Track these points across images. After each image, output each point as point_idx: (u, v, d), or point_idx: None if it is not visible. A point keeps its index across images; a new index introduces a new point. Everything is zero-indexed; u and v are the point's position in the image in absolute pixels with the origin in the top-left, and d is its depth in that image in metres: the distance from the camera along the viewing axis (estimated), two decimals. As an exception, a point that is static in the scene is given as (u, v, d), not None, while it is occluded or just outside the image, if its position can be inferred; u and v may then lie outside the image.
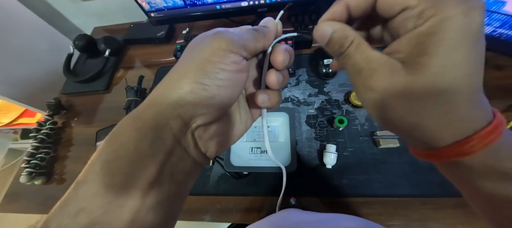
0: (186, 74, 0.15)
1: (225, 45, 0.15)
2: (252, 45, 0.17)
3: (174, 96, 0.15)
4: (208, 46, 0.15)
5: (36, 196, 0.54)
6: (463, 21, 0.11)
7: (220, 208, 0.45)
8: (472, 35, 0.11)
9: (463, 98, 0.12)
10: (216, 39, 0.15)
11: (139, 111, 0.15)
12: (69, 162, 0.57)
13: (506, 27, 0.40)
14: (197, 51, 0.15)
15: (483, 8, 0.12)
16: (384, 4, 0.13)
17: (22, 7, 0.77)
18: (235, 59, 0.15)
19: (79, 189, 0.13)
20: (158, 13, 0.53)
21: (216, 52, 0.15)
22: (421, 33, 0.12)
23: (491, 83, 0.48)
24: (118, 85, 0.68)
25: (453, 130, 0.13)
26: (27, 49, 0.79)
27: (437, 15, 0.11)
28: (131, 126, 0.15)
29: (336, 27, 0.15)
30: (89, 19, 0.87)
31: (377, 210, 0.41)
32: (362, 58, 0.14)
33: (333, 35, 0.15)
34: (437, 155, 0.14)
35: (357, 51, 0.15)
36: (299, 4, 0.53)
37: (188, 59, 0.16)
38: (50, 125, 0.58)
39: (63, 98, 0.66)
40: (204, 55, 0.15)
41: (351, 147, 0.46)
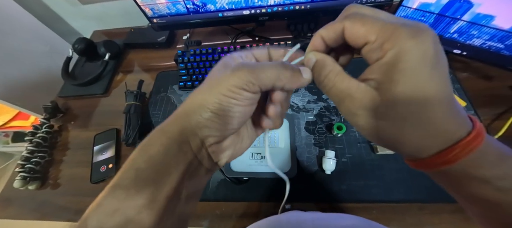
0: (205, 104, 0.17)
1: (241, 83, 0.16)
2: (272, 84, 0.17)
3: (194, 120, 0.17)
4: (227, 81, 0.16)
5: (29, 202, 0.52)
6: (418, 52, 0.13)
7: (219, 214, 0.45)
8: (428, 62, 0.13)
9: (436, 114, 0.14)
10: (234, 76, 0.16)
11: (166, 125, 0.18)
12: (64, 167, 0.56)
13: (495, 40, 0.42)
14: (217, 82, 0.17)
15: (434, 37, 0.13)
16: (350, 39, 0.15)
17: (19, 9, 0.77)
18: (249, 96, 0.17)
19: (115, 192, 0.16)
20: (160, 19, 0.54)
21: (233, 89, 0.16)
22: (384, 63, 0.14)
23: (481, 93, 0.50)
24: (117, 89, 0.67)
25: (435, 142, 0.14)
26: (23, 51, 0.78)
27: (393, 48, 0.13)
28: (160, 140, 0.17)
29: (318, 57, 0.17)
30: (88, 22, 0.87)
31: (375, 216, 0.42)
32: (342, 87, 0.16)
33: (315, 64, 0.17)
34: (423, 164, 0.15)
35: (337, 80, 0.16)
36: (299, 13, 0.55)
37: (209, 87, 0.17)
38: (47, 128, 0.58)
39: (60, 101, 0.65)
40: (222, 90, 0.16)
41: (350, 153, 0.47)
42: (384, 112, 0.15)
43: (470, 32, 0.44)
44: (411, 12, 0.48)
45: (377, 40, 0.14)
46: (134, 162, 0.17)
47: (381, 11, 0.15)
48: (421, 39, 0.13)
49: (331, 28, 0.16)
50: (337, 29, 0.16)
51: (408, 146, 0.15)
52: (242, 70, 0.16)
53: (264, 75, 0.17)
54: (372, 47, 0.14)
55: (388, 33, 0.13)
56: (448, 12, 0.44)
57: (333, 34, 0.16)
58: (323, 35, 0.17)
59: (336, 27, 0.16)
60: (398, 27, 0.13)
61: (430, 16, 0.46)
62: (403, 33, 0.13)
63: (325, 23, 0.17)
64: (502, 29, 0.40)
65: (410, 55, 0.13)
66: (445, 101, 0.14)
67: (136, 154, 0.17)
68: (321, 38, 0.17)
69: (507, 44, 0.42)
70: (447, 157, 0.14)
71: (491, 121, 0.47)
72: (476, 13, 0.41)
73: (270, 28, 0.69)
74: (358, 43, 0.15)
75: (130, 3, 0.53)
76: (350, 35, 0.15)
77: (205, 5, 0.51)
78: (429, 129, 0.14)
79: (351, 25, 0.15)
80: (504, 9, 0.38)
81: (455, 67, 0.54)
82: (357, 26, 0.15)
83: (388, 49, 0.13)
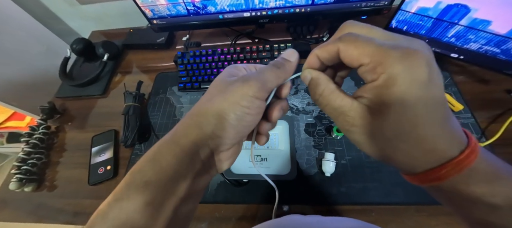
0: (222, 114, 0.17)
1: (252, 92, 0.17)
2: (274, 85, 0.19)
3: (208, 131, 0.18)
4: (238, 90, 0.18)
5: (25, 204, 0.51)
6: (408, 76, 0.13)
7: (219, 216, 0.45)
8: (419, 84, 0.13)
9: (427, 133, 0.14)
10: (245, 85, 0.18)
11: (177, 136, 0.18)
12: (61, 168, 0.56)
13: (491, 44, 0.43)
14: (231, 92, 0.18)
15: (426, 58, 0.13)
16: (344, 60, 0.16)
17: (16, 8, 0.76)
18: (259, 104, 0.18)
19: (121, 204, 0.16)
20: (160, 21, 0.54)
21: (245, 97, 0.17)
22: (377, 86, 0.14)
23: (478, 96, 0.51)
24: (116, 90, 0.67)
25: (427, 159, 0.14)
26: (19, 51, 0.77)
27: (385, 72, 0.14)
28: (171, 151, 0.18)
29: (313, 75, 0.18)
30: (87, 22, 0.86)
31: (374, 218, 0.42)
32: (335, 105, 0.17)
33: (310, 81, 0.18)
34: (417, 179, 0.16)
35: (331, 98, 0.17)
36: (298, 16, 0.55)
37: (222, 96, 0.18)
38: (43, 129, 0.57)
39: (57, 102, 0.65)
40: (235, 99, 0.17)
41: (349, 156, 0.47)
42: (376, 130, 0.15)
43: (467, 37, 0.45)
44: (409, 16, 0.48)
45: (370, 64, 0.14)
46: (143, 174, 0.17)
47: (375, 28, 0.16)
48: (412, 63, 0.13)
49: (325, 49, 0.17)
50: (332, 51, 0.16)
51: (401, 162, 0.16)
52: (251, 80, 0.18)
53: (266, 78, 0.18)
54: (366, 69, 0.15)
55: (379, 57, 0.14)
56: (446, 17, 0.44)
57: (328, 55, 0.17)
58: (318, 55, 0.18)
59: (330, 48, 0.16)
60: (389, 51, 0.14)
61: (428, 20, 0.47)
62: (393, 58, 0.13)
63: (324, 26, 0.18)
64: (499, 34, 0.41)
65: (400, 80, 0.13)
66: (437, 120, 0.14)
67: (145, 165, 0.17)
68: (316, 57, 0.18)
69: (503, 49, 0.42)
70: (438, 174, 0.14)
71: (488, 124, 0.47)
72: (473, 18, 0.42)
73: (270, 30, 0.69)
74: (353, 64, 0.16)
75: (129, 3, 0.53)
76: (344, 57, 0.16)
77: (205, 7, 0.51)
78: (420, 147, 0.14)
79: (345, 48, 0.15)
80: (501, 15, 0.39)
81: (452, 71, 0.55)
82: (351, 49, 0.15)
83: (381, 72, 0.14)
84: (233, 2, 0.50)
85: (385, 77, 0.14)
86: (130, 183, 0.17)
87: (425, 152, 0.14)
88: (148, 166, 0.17)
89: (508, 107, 0.48)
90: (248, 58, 0.59)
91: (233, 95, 0.17)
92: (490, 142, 0.44)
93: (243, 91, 0.17)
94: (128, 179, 0.17)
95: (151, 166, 0.17)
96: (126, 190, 0.17)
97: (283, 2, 0.51)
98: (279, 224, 0.35)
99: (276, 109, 0.21)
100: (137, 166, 0.18)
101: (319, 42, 0.64)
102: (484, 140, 0.45)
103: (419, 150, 0.14)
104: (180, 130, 0.19)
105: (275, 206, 0.41)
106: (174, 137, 0.18)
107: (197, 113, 0.19)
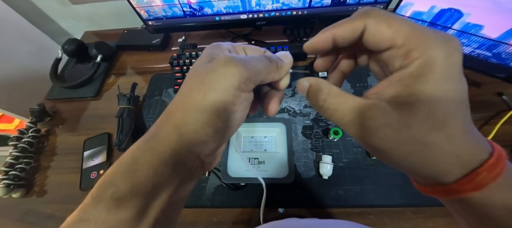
0: (202, 119, 0.14)
1: (237, 82, 0.14)
2: (262, 78, 0.16)
3: (188, 136, 0.15)
4: (221, 81, 0.14)
5: (13, 210, 0.49)
6: (447, 62, 0.12)
7: (216, 221, 0.44)
8: (455, 73, 0.12)
9: (460, 130, 0.12)
10: (229, 72, 0.14)
11: (154, 142, 0.15)
12: (51, 173, 0.54)
13: (483, 48, 0.44)
14: (210, 85, 0.14)
15: (461, 48, 0.12)
16: (371, 40, 0.14)
17: (4, 6, 0.73)
18: (246, 96, 0.15)
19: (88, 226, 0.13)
20: (156, 22, 0.53)
21: (230, 90, 0.14)
22: (409, 74, 0.12)
23: (470, 99, 0.51)
24: (109, 92, 0.65)
25: (459, 163, 0.12)
26: (8, 51, 0.74)
27: (421, 57, 0.12)
28: (149, 161, 0.15)
29: (311, 81, 0.16)
30: (79, 23, 0.84)
31: (371, 221, 0.42)
32: (348, 106, 0.14)
33: (309, 89, 0.16)
34: (445, 191, 0.13)
35: (339, 101, 0.15)
36: (295, 18, 0.55)
37: (198, 90, 0.15)
38: (33, 133, 0.55)
39: (48, 104, 0.63)
40: (218, 96, 0.14)
41: (346, 158, 0.47)
42: (402, 130, 0.13)
43: (460, 41, 0.45)
44: (404, 20, 0.49)
45: (404, 46, 0.12)
46: (115, 188, 0.14)
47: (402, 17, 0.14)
48: (452, 47, 0.12)
49: (349, 25, 0.14)
50: (357, 28, 0.14)
51: (428, 170, 0.13)
52: (237, 64, 0.14)
53: (257, 68, 0.15)
54: (397, 53, 0.13)
55: (417, 39, 0.12)
56: (440, 21, 0.45)
57: (351, 33, 0.14)
58: (336, 33, 0.15)
59: (355, 24, 0.14)
60: (428, 34, 0.12)
61: (423, 24, 0.47)
62: (434, 39, 0.12)
63: (320, 29, 0.16)
64: (490, 38, 0.42)
65: (438, 68, 0.12)
66: (467, 116, 0.13)
67: (118, 177, 0.14)
68: (330, 36, 0.15)
69: (494, 52, 0.43)
70: (473, 182, 0.12)
71: (481, 126, 0.48)
72: (466, 22, 0.43)
73: (266, 32, 0.69)
74: (380, 46, 0.13)
75: (122, 4, 0.52)
76: (373, 35, 0.13)
77: (202, 8, 0.50)
78: (452, 148, 0.12)
79: (376, 24, 0.13)
80: (492, 20, 0.40)
81: (446, 74, 0.56)
82: (383, 27, 0.13)
83: (416, 58, 0.12)
84: (230, 4, 0.50)
85: (420, 63, 0.12)
86: (99, 199, 0.14)
87: (459, 151, 0.12)
88: (121, 179, 0.14)
89: (500, 109, 0.49)
90: (245, 60, 0.59)
91: (215, 90, 0.14)
92: (483, 143, 0.45)
93: (226, 83, 0.14)
94: (97, 193, 0.14)
95: (124, 178, 0.14)
96: (93, 209, 0.14)
97: (280, 5, 0.51)
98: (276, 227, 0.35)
99: (274, 100, 0.18)
100: (107, 176, 0.14)
101: (316, 45, 0.65)
102: (477, 142, 0.46)
103: (453, 149, 0.12)
104: (157, 135, 0.15)
105: (262, 207, 0.41)
106: (152, 144, 0.15)
107: (174, 111, 0.15)
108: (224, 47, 0.17)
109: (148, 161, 0.14)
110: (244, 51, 0.18)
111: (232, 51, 0.17)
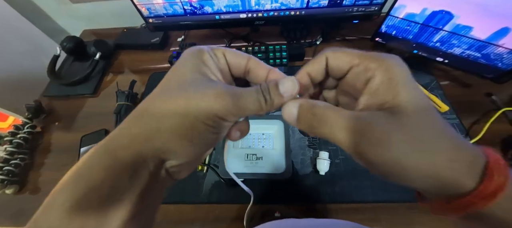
0: (177, 130, 0.14)
1: (223, 113, 0.14)
2: (251, 112, 0.15)
3: (157, 146, 0.14)
4: (204, 105, 0.14)
5: (5, 207, 0.48)
6: (400, 68, 0.14)
7: (213, 218, 0.44)
8: (410, 75, 0.14)
9: (452, 132, 0.13)
10: (216, 103, 0.14)
11: (114, 144, 0.14)
12: (45, 170, 0.53)
13: (472, 49, 0.46)
14: (191, 100, 0.14)
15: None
16: (334, 65, 0.16)
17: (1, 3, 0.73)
18: (227, 126, 0.15)
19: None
20: (156, 19, 0.54)
21: (214, 118, 0.14)
22: (381, 82, 0.14)
23: (461, 99, 0.54)
24: (107, 90, 0.65)
25: (471, 168, 0.12)
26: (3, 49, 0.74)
27: (381, 67, 0.14)
28: (106, 165, 0.13)
29: (302, 102, 0.15)
30: (77, 21, 0.84)
31: (367, 216, 0.43)
32: (343, 125, 0.14)
33: (299, 112, 0.15)
34: (462, 205, 0.12)
35: (337, 115, 0.14)
36: (293, 19, 0.56)
37: (180, 100, 0.14)
38: (29, 129, 0.54)
39: (44, 101, 0.62)
40: (201, 117, 0.14)
41: (342, 155, 0.48)
42: (407, 131, 0.12)
43: (451, 42, 0.47)
44: (398, 22, 0.51)
45: (361, 63, 0.15)
46: (67, 195, 0.13)
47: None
48: (395, 59, 0.14)
49: (315, 62, 0.17)
50: (321, 61, 0.16)
51: (444, 177, 0.12)
52: (226, 99, 0.14)
53: (246, 106, 0.15)
54: (358, 70, 0.15)
55: (369, 56, 0.15)
56: (431, 22, 0.47)
57: (318, 66, 0.16)
58: (308, 70, 0.17)
59: (319, 59, 0.16)
60: (374, 53, 0.15)
61: (415, 25, 0.49)
62: (381, 56, 0.14)
63: (317, 31, 0.18)
64: (479, 39, 0.44)
65: (397, 70, 0.14)
66: (445, 123, 0.13)
67: (69, 183, 0.13)
68: (306, 74, 0.17)
69: (483, 53, 0.45)
70: (490, 188, 0.11)
71: (471, 125, 0.50)
72: (456, 24, 0.45)
73: (264, 34, 0.70)
74: (342, 69, 0.16)
75: (122, 3, 0.53)
76: (334, 63, 0.16)
77: (202, 7, 0.51)
78: (458, 144, 0.12)
79: (334, 55, 0.16)
80: (481, 21, 0.42)
81: (437, 75, 0.58)
82: (339, 55, 0.16)
83: (375, 68, 0.14)
84: (230, 3, 0.51)
85: (382, 70, 0.14)
86: (49, 208, 0.13)
87: (465, 150, 0.12)
88: (71, 184, 0.13)
89: (489, 109, 0.51)
90: (243, 59, 0.60)
91: (197, 108, 0.14)
92: (474, 141, 0.47)
93: (212, 110, 0.14)
94: (47, 202, 0.13)
95: (74, 184, 0.13)
96: (44, 218, 0.13)
97: (279, 5, 0.53)
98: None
99: (234, 128, 0.17)
100: (59, 184, 0.13)
101: (312, 46, 0.66)
102: (469, 139, 0.47)
103: (459, 146, 0.12)
104: (119, 137, 0.14)
105: (248, 209, 0.41)
106: (110, 146, 0.14)
107: (145, 113, 0.14)
108: (211, 64, 0.16)
109: (103, 163, 0.13)
110: (224, 55, 0.17)
111: (211, 55, 0.16)
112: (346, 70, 0.16)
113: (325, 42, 0.66)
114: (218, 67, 0.16)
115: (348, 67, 0.15)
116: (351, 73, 0.16)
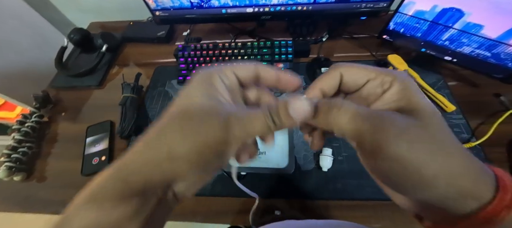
0: (187, 158, 0.14)
1: (232, 140, 0.14)
2: (259, 135, 0.16)
3: (168, 173, 0.14)
4: (216, 135, 0.14)
5: (13, 193, 0.49)
6: (412, 81, 0.15)
7: (215, 210, 0.45)
8: (419, 89, 0.15)
9: (458, 144, 0.13)
10: (226, 131, 0.14)
11: (126, 171, 0.15)
12: (51, 160, 0.54)
13: (482, 48, 0.45)
14: (204, 132, 0.14)
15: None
16: (351, 80, 0.17)
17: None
18: (235, 148, 0.15)
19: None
20: (163, 12, 0.54)
21: (220, 145, 0.14)
22: (398, 91, 0.15)
23: (468, 99, 0.53)
24: (112, 82, 0.66)
25: (485, 176, 0.12)
26: (12, 39, 0.75)
27: (397, 79, 0.15)
28: (118, 192, 0.14)
29: (318, 99, 0.16)
30: (84, 14, 0.85)
31: (368, 213, 0.43)
32: (364, 114, 0.14)
33: (319, 103, 0.15)
34: (480, 219, 0.12)
35: (359, 110, 0.14)
36: (300, 14, 0.56)
37: (192, 133, 0.14)
38: (36, 118, 0.55)
39: (51, 92, 0.63)
40: (208, 144, 0.14)
41: (345, 152, 0.48)
42: (424, 131, 0.13)
43: (461, 40, 0.47)
44: (407, 19, 0.50)
45: (377, 77, 0.16)
46: (80, 219, 0.14)
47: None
48: (406, 74, 0.16)
49: (328, 77, 0.17)
50: (335, 76, 0.17)
51: (463, 189, 0.12)
52: (233, 126, 0.14)
53: (254, 131, 0.15)
54: (374, 83, 0.16)
55: (383, 71, 0.16)
56: (441, 20, 0.46)
57: (332, 81, 0.17)
58: (322, 85, 0.17)
59: (333, 74, 0.17)
60: (384, 69, 0.16)
61: (424, 23, 0.49)
62: (393, 71, 0.16)
63: (323, 28, 0.18)
64: (490, 38, 0.43)
65: (411, 82, 0.15)
66: (453, 137, 0.14)
67: (82, 206, 0.14)
68: (319, 90, 0.17)
69: (493, 53, 0.45)
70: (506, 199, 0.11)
71: (478, 125, 0.49)
72: (466, 22, 0.44)
73: (270, 29, 0.70)
74: (359, 83, 0.16)
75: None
76: (351, 78, 0.16)
77: (209, 0, 0.51)
78: (464, 153, 0.13)
79: (348, 70, 0.16)
80: (492, 20, 0.41)
81: (445, 74, 0.57)
82: (354, 70, 0.16)
83: (391, 80, 0.15)
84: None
85: (399, 82, 0.15)
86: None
87: (478, 168, 0.13)
88: (85, 209, 0.14)
89: (496, 109, 0.50)
90: (249, 54, 0.60)
91: (206, 136, 0.14)
92: (480, 142, 0.46)
93: (220, 138, 0.14)
94: (60, 225, 0.14)
95: (89, 208, 0.14)
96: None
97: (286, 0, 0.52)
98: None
99: (243, 151, 0.18)
100: (72, 206, 0.14)
101: (318, 43, 0.66)
102: (475, 140, 0.47)
103: (473, 163, 0.12)
104: (131, 164, 0.15)
105: (253, 210, 0.41)
106: (123, 172, 0.15)
107: (156, 139, 0.15)
108: (220, 88, 0.16)
109: (117, 188, 0.14)
110: (233, 73, 0.17)
111: (221, 76, 0.16)
112: (362, 84, 0.16)
113: (331, 39, 0.66)
114: (227, 88, 0.17)
115: (365, 81, 0.16)
116: (367, 87, 0.16)
